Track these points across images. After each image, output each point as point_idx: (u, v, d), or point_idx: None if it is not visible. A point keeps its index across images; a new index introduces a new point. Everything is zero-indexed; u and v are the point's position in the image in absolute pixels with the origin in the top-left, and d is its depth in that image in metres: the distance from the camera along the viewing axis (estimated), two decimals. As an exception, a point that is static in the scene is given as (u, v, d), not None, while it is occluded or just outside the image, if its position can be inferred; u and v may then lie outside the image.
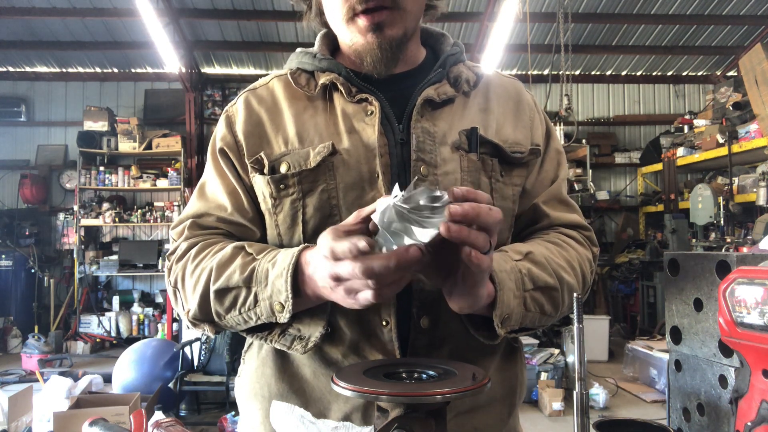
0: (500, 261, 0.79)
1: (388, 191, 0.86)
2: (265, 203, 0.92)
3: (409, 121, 0.90)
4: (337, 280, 0.68)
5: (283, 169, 0.90)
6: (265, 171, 0.91)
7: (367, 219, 0.68)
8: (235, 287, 0.81)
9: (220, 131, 0.98)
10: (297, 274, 0.76)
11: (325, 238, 0.69)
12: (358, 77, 0.93)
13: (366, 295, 0.67)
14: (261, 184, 0.92)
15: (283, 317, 0.78)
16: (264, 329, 0.86)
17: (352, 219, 0.70)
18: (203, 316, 0.85)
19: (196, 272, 0.86)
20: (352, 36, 0.89)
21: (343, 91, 0.92)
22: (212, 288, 0.82)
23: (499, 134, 0.94)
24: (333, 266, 0.68)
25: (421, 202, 0.64)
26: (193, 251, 0.89)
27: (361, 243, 0.64)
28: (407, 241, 0.63)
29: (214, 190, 0.96)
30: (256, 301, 0.79)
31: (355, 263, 0.64)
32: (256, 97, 0.98)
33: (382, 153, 0.88)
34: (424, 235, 0.63)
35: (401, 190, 0.64)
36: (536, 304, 0.81)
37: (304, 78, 0.96)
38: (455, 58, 0.97)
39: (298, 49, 1.00)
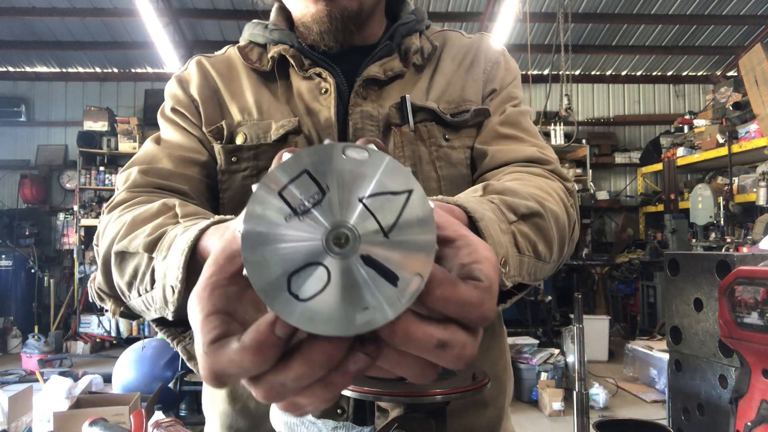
0: (463, 197, 0.57)
1: None
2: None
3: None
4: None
5: (239, 140, 0.80)
6: (224, 141, 0.81)
7: None
8: (135, 253, 0.58)
9: (170, 91, 0.87)
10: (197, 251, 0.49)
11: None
12: (316, 51, 0.84)
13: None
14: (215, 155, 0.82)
15: (170, 310, 0.51)
16: (180, 325, 0.57)
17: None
18: (108, 286, 0.64)
19: (113, 226, 0.65)
20: (303, 5, 0.80)
21: (294, 64, 0.82)
22: (113, 248, 0.60)
23: (445, 95, 0.85)
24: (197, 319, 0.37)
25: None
26: (131, 202, 0.71)
27: (272, 328, 0.33)
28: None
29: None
30: (153, 279, 0.55)
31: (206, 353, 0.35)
32: (210, 62, 0.89)
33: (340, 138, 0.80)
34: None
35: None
36: (528, 242, 0.59)
37: (256, 52, 0.88)
38: (408, 28, 0.87)
39: (253, 21, 0.91)
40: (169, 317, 0.52)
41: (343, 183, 0.33)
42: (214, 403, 0.89)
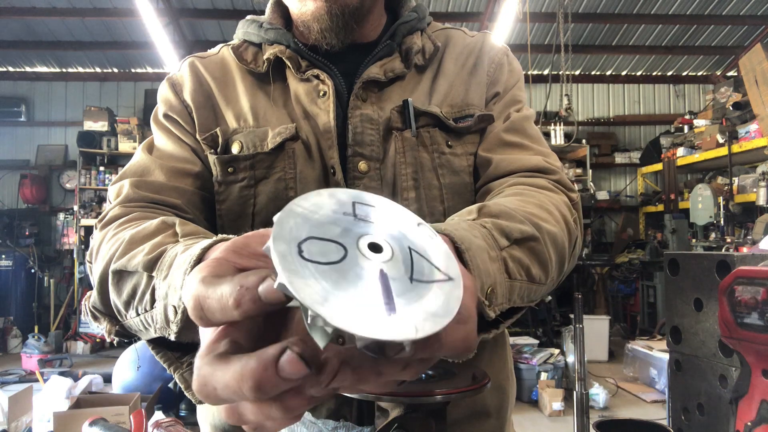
0: (453, 223, 0.55)
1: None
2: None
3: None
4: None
5: (234, 149, 0.78)
6: (219, 150, 0.79)
7: None
8: (134, 272, 0.56)
9: (163, 95, 0.84)
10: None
11: (195, 275, 0.38)
12: (313, 51, 0.81)
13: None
14: (210, 165, 0.80)
15: (172, 330, 0.50)
16: (177, 348, 0.58)
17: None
18: (103, 305, 0.61)
19: (109, 244, 0.63)
20: (301, 3, 0.78)
21: (291, 66, 0.80)
22: (111, 267, 0.59)
23: (448, 98, 0.82)
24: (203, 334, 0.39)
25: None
26: (125, 218, 0.68)
27: (259, 282, 0.34)
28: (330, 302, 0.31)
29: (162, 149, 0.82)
30: (153, 298, 0.53)
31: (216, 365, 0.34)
32: (204, 64, 0.85)
33: (340, 143, 0.78)
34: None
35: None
36: (520, 267, 0.57)
37: (250, 52, 0.84)
38: (409, 27, 0.83)
39: (248, 17, 0.87)
40: (171, 338, 0.51)
41: (397, 233, 0.37)
42: (208, 413, 0.87)
